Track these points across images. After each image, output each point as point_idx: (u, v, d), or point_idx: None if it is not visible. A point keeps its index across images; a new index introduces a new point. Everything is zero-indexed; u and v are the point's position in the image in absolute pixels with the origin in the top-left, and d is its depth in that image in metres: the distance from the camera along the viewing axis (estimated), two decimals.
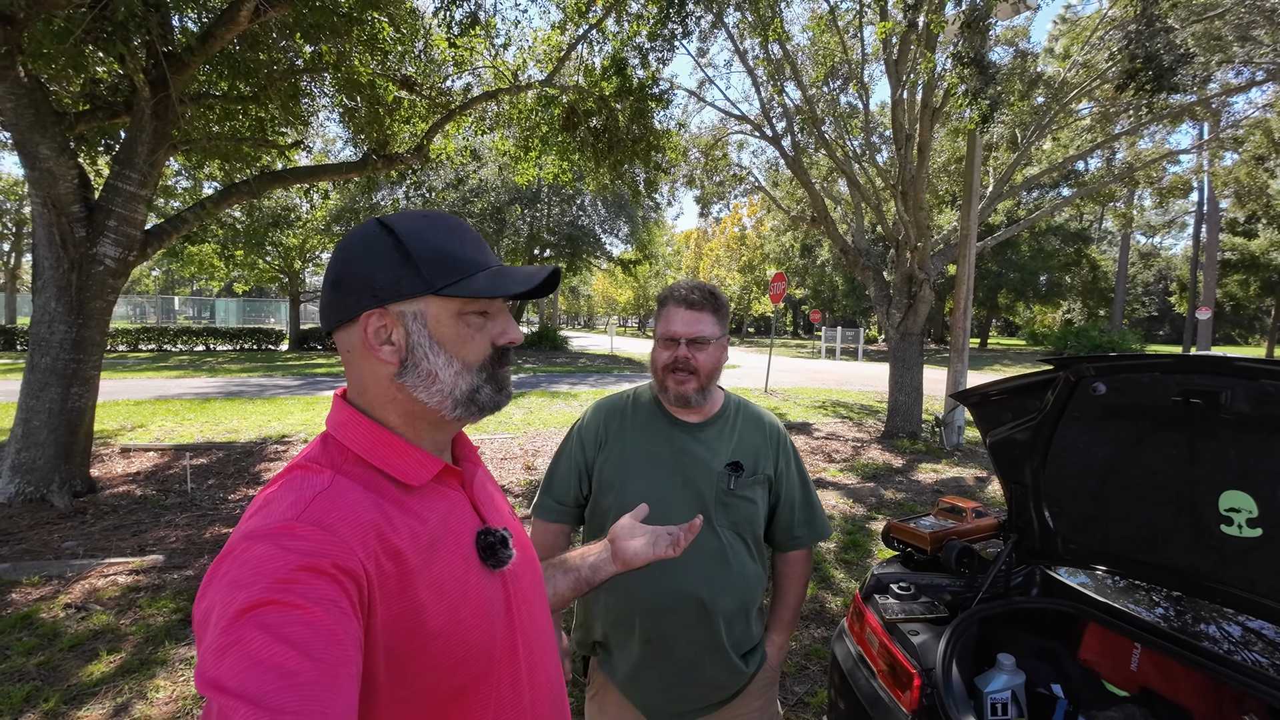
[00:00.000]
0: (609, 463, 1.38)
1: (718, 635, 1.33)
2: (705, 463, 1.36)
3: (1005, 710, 1.60)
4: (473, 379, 0.73)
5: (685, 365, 1.33)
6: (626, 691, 1.37)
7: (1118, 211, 16.65)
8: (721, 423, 1.43)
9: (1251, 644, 1.57)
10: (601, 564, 1.01)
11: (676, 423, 1.40)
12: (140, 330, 20.82)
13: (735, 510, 1.36)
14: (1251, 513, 1.40)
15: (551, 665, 0.82)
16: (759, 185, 11.94)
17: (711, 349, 1.35)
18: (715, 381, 1.39)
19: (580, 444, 1.41)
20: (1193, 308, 28.24)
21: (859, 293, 34.02)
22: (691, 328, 1.33)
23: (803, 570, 1.54)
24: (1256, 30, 8.15)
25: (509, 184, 20.36)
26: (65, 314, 4.63)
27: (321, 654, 0.49)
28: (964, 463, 7.22)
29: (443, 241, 0.71)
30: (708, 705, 1.38)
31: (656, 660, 1.33)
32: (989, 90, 6.03)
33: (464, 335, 0.72)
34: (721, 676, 1.37)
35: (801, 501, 1.48)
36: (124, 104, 5.13)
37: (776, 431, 1.49)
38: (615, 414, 1.44)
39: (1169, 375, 1.48)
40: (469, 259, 0.72)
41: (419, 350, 0.70)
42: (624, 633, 1.35)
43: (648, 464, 1.37)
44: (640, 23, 7.02)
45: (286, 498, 0.61)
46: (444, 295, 0.69)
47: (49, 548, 4.02)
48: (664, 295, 1.40)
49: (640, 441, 1.39)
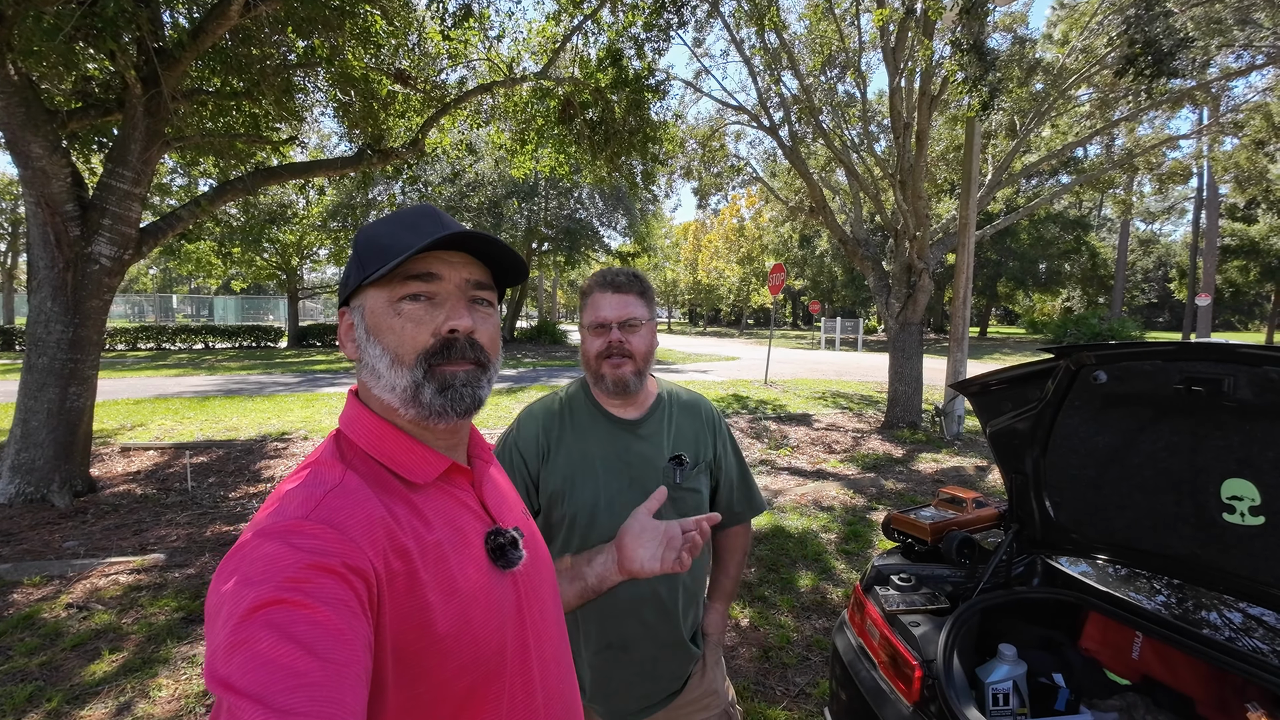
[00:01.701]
0: (554, 473, 1.32)
1: (677, 629, 1.34)
2: (650, 460, 1.34)
3: (1007, 700, 1.60)
4: (409, 374, 0.67)
5: (620, 349, 1.29)
6: (591, 699, 1.35)
7: (1117, 198, 16.57)
8: (659, 415, 1.40)
9: (1253, 631, 1.57)
10: (607, 573, 0.96)
11: (616, 421, 1.37)
12: (139, 329, 20.78)
13: (683, 503, 1.35)
14: (1254, 500, 1.39)
15: (564, 666, 0.81)
16: (757, 176, 11.88)
17: (643, 331, 1.33)
18: (650, 366, 1.37)
19: (521, 457, 1.34)
20: (1192, 294, 28.21)
21: (858, 283, 33.97)
22: (621, 311, 1.30)
23: (743, 543, 1.57)
24: (1256, 13, 8.09)
25: (506, 178, 20.29)
26: (61, 313, 4.62)
27: (330, 654, 0.49)
28: (964, 452, 7.22)
29: (384, 231, 0.69)
30: (668, 694, 1.39)
31: (617, 663, 1.32)
32: (988, 77, 5.98)
33: (393, 325, 0.67)
34: (680, 666, 1.39)
35: (739, 479, 1.50)
36: (116, 101, 5.09)
37: (711, 414, 1.48)
38: (552, 421, 1.37)
39: (1170, 363, 1.47)
40: (399, 243, 0.67)
41: (363, 344, 0.70)
42: (581, 640, 1.33)
43: (592, 469, 1.32)
44: (635, 13, 6.97)
45: (299, 495, 0.61)
46: (374, 283, 0.68)
47: (50, 548, 4.02)
48: (588, 284, 1.36)
49: (582, 446, 1.34)
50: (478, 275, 0.72)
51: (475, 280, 0.72)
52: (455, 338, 0.69)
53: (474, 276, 0.72)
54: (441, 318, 0.68)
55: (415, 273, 0.68)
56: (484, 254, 0.73)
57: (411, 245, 0.66)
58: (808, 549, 4.20)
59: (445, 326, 0.68)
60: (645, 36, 7.10)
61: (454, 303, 0.69)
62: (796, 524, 4.70)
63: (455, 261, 0.70)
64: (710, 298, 47.05)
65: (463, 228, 0.70)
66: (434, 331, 0.68)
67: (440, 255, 0.69)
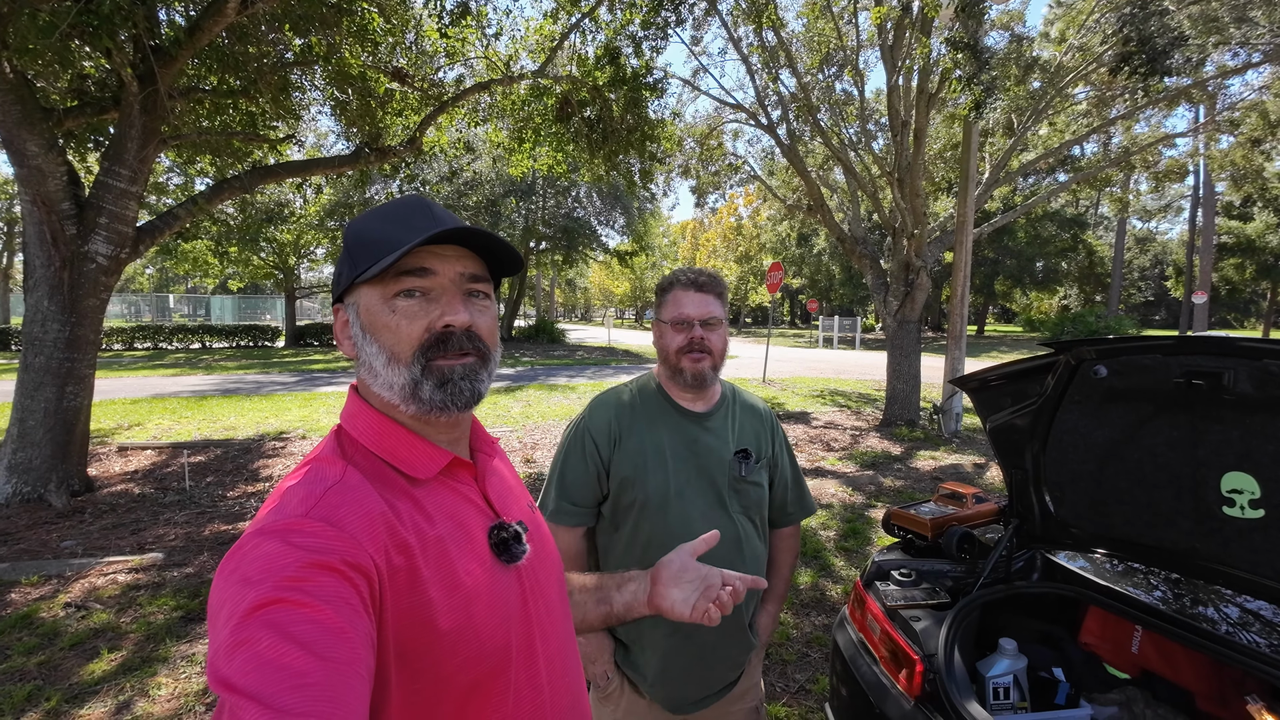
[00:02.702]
0: (626, 459, 1.38)
1: (740, 616, 1.42)
2: (716, 451, 1.40)
3: (1007, 694, 1.61)
4: (407, 372, 0.67)
5: (701, 346, 1.36)
6: (655, 686, 1.39)
7: (1114, 196, 16.62)
8: (723, 411, 1.47)
9: (1251, 625, 1.58)
10: (636, 604, 0.92)
11: (685, 413, 1.43)
12: (136, 328, 20.71)
13: (746, 495, 1.41)
14: (1254, 494, 1.39)
15: (571, 661, 0.81)
16: (755, 174, 11.88)
17: (722, 330, 1.41)
18: (724, 363, 1.44)
19: (594, 443, 1.40)
20: (1189, 292, 28.29)
21: (856, 281, 33.99)
22: (703, 309, 1.37)
23: (793, 544, 1.64)
24: (1253, 11, 8.11)
25: (503, 176, 20.23)
26: (58, 313, 4.60)
27: (330, 653, 0.49)
28: (962, 449, 7.24)
29: (374, 226, 0.69)
30: (725, 684, 1.45)
31: (683, 648, 1.37)
32: (984, 75, 5.99)
33: (389, 322, 0.67)
34: (740, 652, 1.45)
35: (793, 480, 1.57)
36: (112, 99, 5.07)
37: (770, 416, 1.57)
38: (623, 410, 1.43)
39: (1171, 357, 1.47)
40: (390, 239, 0.66)
41: (359, 342, 0.69)
42: (649, 627, 1.36)
43: (662, 457, 1.38)
44: (633, 11, 6.96)
45: (299, 492, 0.61)
46: (368, 281, 0.67)
47: (47, 547, 4.01)
48: (668, 280, 1.43)
49: (652, 435, 1.40)
50: (472, 268, 0.72)
51: (470, 273, 0.71)
52: (451, 332, 0.68)
53: (468, 269, 0.71)
54: (437, 312, 0.68)
55: (408, 268, 0.67)
56: (478, 246, 0.72)
57: (403, 240, 0.65)
58: (806, 546, 4.20)
59: (441, 321, 0.68)
60: (643, 34, 7.09)
61: (449, 297, 0.69)
62: None
63: (449, 255, 0.70)
64: None
65: (457, 221, 0.69)
66: (428, 327, 0.68)
67: (433, 250, 0.69)
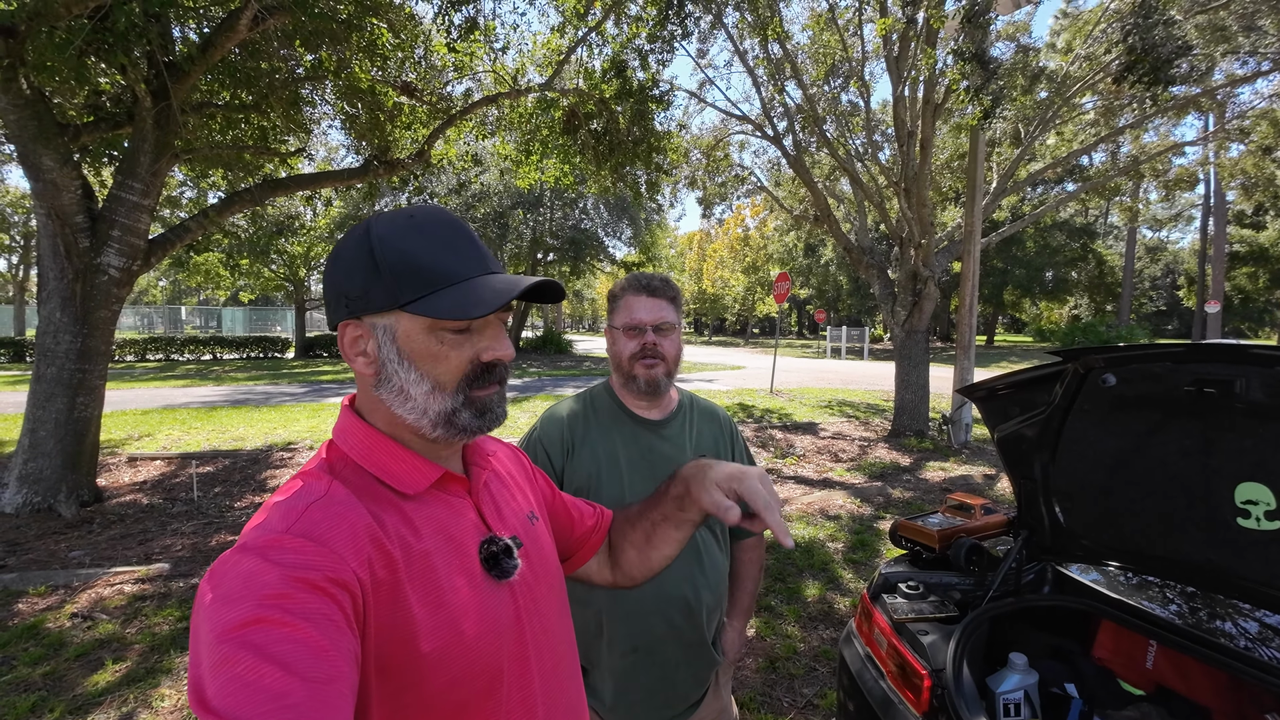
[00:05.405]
0: (580, 469, 1.34)
1: (701, 630, 1.34)
2: (672, 460, 1.35)
3: (1018, 711, 1.57)
4: (448, 400, 0.67)
5: (653, 352, 1.33)
6: (613, 711, 1.33)
7: (1123, 205, 16.53)
8: (681, 418, 1.44)
9: (1270, 640, 1.53)
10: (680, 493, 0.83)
11: (641, 422, 1.40)
12: (148, 340, 20.92)
13: None
14: (1269, 505, 1.36)
15: (568, 678, 0.79)
16: (761, 185, 11.91)
17: (674, 336, 1.38)
18: (678, 369, 1.41)
19: (546, 454, 1.35)
20: (1201, 301, 28.00)
21: (863, 291, 33.91)
22: (655, 314, 1.34)
23: (757, 556, 1.58)
24: (1261, 20, 8.08)
25: (511, 188, 20.40)
26: (70, 324, 4.65)
27: (311, 672, 0.48)
28: (972, 460, 7.16)
29: (415, 248, 0.65)
30: (689, 705, 1.38)
31: (643, 668, 1.31)
32: (990, 86, 6.00)
33: (436, 352, 0.66)
34: (703, 669, 1.38)
35: None
36: (126, 115, 5.16)
37: (729, 423, 1.52)
38: (576, 419, 1.39)
39: (1181, 364, 1.44)
40: (442, 269, 0.65)
41: (389, 365, 0.67)
42: (605, 647, 1.32)
43: (617, 466, 1.34)
44: (639, 25, 7.03)
45: (282, 508, 0.60)
46: (409, 311, 0.64)
47: (56, 557, 4.03)
48: (620, 287, 1.39)
49: (606, 444, 1.36)
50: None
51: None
52: (496, 364, 0.69)
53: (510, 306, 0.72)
54: (484, 344, 0.69)
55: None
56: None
57: (457, 273, 0.65)
58: (814, 558, 4.16)
59: (488, 355, 0.69)
60: (649, 48, 7.15)
61: (494, 330, 0.70)
62: (803, 533, 4.66)
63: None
64: (715, 307, 47.07)
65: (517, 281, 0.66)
66: (473, 358, 0.68)
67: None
